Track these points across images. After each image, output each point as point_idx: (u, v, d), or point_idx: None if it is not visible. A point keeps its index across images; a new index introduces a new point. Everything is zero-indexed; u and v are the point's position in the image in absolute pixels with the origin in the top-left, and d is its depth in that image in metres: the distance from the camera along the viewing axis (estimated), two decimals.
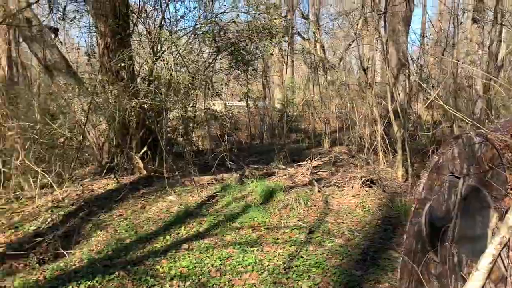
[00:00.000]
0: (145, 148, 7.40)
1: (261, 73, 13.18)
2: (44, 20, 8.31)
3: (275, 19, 8.32)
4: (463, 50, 12.67)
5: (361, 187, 6.20)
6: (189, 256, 4.04)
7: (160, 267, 3.83)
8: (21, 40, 11.32)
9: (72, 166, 7.16)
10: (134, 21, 7.87)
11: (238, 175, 7.17)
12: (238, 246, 4.26)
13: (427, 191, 2.67)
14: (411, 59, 11.04)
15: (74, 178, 7.02)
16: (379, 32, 8.98)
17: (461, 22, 11.73)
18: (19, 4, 7.47)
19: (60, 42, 8.61)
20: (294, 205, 5.45)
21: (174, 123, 8.50)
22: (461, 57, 11.51)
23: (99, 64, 7.48)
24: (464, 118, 4.67)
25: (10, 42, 13.05)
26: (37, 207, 5.58)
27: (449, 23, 11.32)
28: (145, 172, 7.24)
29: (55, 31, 8.07)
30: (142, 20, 7.89)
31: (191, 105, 8.42)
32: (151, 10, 8.15)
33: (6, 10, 7.67)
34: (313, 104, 13.88)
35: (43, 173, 6.04)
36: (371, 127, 9.22)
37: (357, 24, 13.84)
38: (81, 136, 7.31)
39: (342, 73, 15.71)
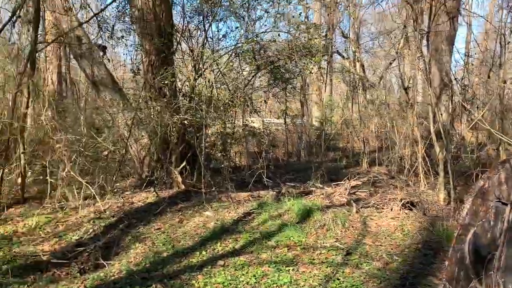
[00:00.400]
0: (184, 163, 7.55)
1: (299, 91, 13.21)
2: (93, 38, 8.73)
3: (315, 38, 8.37)
4: (511, 70, 12.24)
5: (400, 209, 6.05)
6: (224, 273, 4.06)
7: (196, 282, 3.86)
8: (71, 57, 11.91)
9: (114, 178, 7.40)
10: (177, 40, 8.13)
11: (274, 192, 7.16)
12: (274, 265, 4.24)
13: (471, 217, 2.58)
14: (455, 78, 10.75)
15: (115, 190, 7.24)
16: (421, 51, 8.83)
17: (509, 42, 11.36)
18: (71, 24, 7.89)
19: (108, 59, 9.00)
20: (331, 225, 5.37)
21: (212, 139, 8.64)
22: (509, 78, 11.11)
23: (143, 80, 7.74)
24: (511, 142, 4.49)
25: (61, 59, 13.76)
26: (80, 217, 5.79)
27: (496, 42, 10.98)
28: (183, 186, 7.37)
29: (104, 49, 8.46)
30: (186, 39, 8.13)
31: (230, 121, 8.53)
32: (195, 29, 8.40)
33: (59, 29, 8.12)
34: (352, 122, 13.73)
35: (87, 185, 6.27)
36: (411, 148, 9.00)
37: (398, 43, 13.66)
38: (124, 150, 7.55)
39: (382, 92, 15.50)
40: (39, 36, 7.15)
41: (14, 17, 6.32)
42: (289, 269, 4.13)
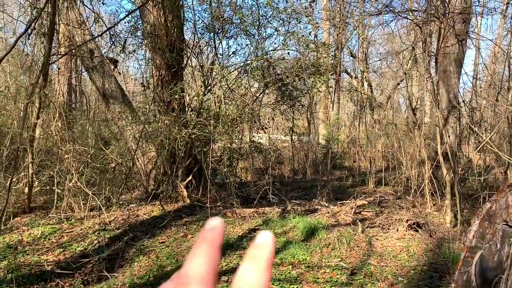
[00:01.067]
0: (190, 177, 7.57)
1: (307, 108, 13.27)
2: (105, 52, 8.87)
3: (324, 57, 8.45)
4: None
5: (406, 230, 6.00)
6: None
7: None
8: (82, 69, 12.09)
9: (120, 190, 7.43)
10: (188, 55, 8.24)
11: (280, 209, 7.15)
12: (278, 282, 4.22)
13: (478, 239, 2.57)
14: (463, 101, 10.77)
15: (121, 202, 7.26)
16: (429, 72, 8.88)
17: None
18: (84, 37, 8.04)
19: (119, 72, 9.12)
20: (336, 244, 5.34)
21: (219, 154, 8.68)
22: None
23: (152, 94, 7.84)
24: None
25: (72, 71, 13.96)
26: (85, 228, 5.81)
27: (504, 65, 11.01)
28: (188, 200, 7.38)
29: (115, 62, 8.59)
30: (196, 54, 8.24)
31: (237, 137, 8.58)
32: (205, 45, 8.52)
33: (72, 42, 8.28)
34: (358, 142, 13.74)
35: (93, 196, 6.31)
36: (418, 169, 8.97)
37: (406, 64, 13.75)
38: (131, 163, 7.60)
39: (390, 112, 15.53)
40: (52, 48, 7.28)
41: (30, 29, 6.45)
42: (293, 287, 4.10)
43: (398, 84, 17.42)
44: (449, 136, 8.65)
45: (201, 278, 0.33)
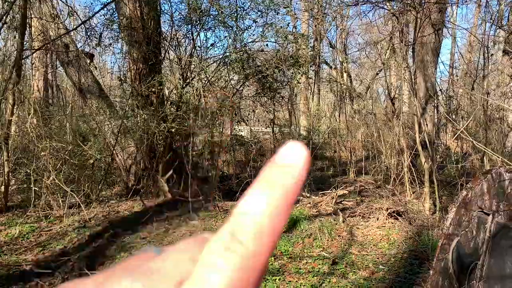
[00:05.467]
0: (170, 172, 7.51)
1: (287, 100, 13.28)
2: (80, 46, 8.69)
3: (303, 48, 8.44)
4: (494, 81, 12.49)
5: (386, 219, 6.09)
6: None
7: None
8: (58, 64, 11.83)
9: (99, 187, 7.33)
10: (165, 48, 8.13)
11: None
12: None
13: (455, 227, 2.62)
14: (440, 89, 10.93)
15: (101, 199, 7.17)
16: (407, 62, 8.97)
17: (492, 54, 11.60)
18: (59, 31, 7.85)
19: (95, 66, 8.95)
20: (318, 234, 5.39)
21: (200, 148, 8.62)
22: (492, 89, 11.33)
23: (130, 88, 7.72)
24: (493, 153, 4.57)
25: (47, 66, 13.65)
26: (64, 226, 5.71)
27: (479, 54, 11.20)
28: (170, 195, 7.32)
29: (91, 56, 8.41)
30: (174, 47, 8.14)
31: (217, 130, 8.54)
32: (183, 38, 8.41)
33: (46, 36, 8.07)
34: (339, 132, 13.84)
35: (72, 193, 6.20)
36: (397, 157, 9.09)
37: (384, 54, 13.87)
38: (110, 158, 7.49)
39: (369, 102, 15.67)
40: (25, 42, 7.09)
41: (0, 24, 6.26)
42: (276, 279, 4.12)
43: (377, 74, 17.59)
44: (427, 125, 8.78)
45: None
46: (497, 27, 10.57)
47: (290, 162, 0.23)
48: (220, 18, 7.59)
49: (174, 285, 0.22)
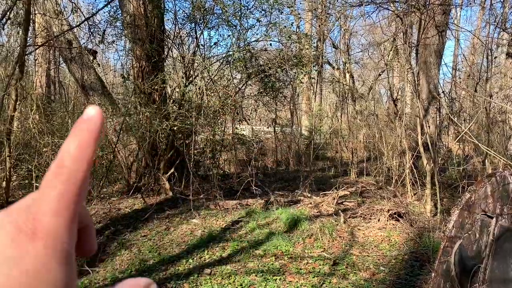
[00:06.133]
0: (172, 170, 7.51)
1: (289, 100, 13.27)
2: (84, 43, 8.69)
3: (307, 49, 8.42)
4: (497, 84, 12.46)
5: (388, 220, 6.08)
6: (211, 282, 4.03)
7: None
8: (60, 60, 11.83)
9: (101, 184, 7.33)
10: (169, 46, 8.12)
11: (263, 201, 7.15)
12: (261, 274, 4.23)
13: (458, 229, 2.61)
14: (443, 91, 10.91)
15: (102, 196, 7.17)
16: (410, 63, 8.96)
17: (495, 57, 11.57)
18: (62, 27, 7.84)
19: (98, 63, 8.95)
20: (318, 235, 5.38)
21: (202, 146, 8.62)
22: (495, 92, 11.31)
23: (133, 86, 7.72)
24: (497, 156, 4.55)
25: (50, 62, 13.66)
26: None
27: (483, 57, 11.17)
28: (171, 193, 7.32)
29: (94, 53, 8.41)
30: (177, 45, 8.13)
31: (219, 128, 8.53)
32: (186, 36, 8.40)
33: (49, 32, 8.07)
34: (340, 132, 13.82)
35: None
36: (399, 159, 9.08)
37: (387, 55, 13.84)
38: (112, 155, 7.49)
39: (371, 103, 15.64)
40: (29, 38, 7.09)
41: (4, 19, 6.25)
42: (276, 279, 4.12)
43: (380, 75, 17.56)
44: (429, 127, 8.76)
45: (75, 157, 0.30)
46: (501, 29, 10.54)
47: (90, 117, 0.31)
48: (224, 17, 7.58)
49: (25, 208, 0.30)
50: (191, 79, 7.81)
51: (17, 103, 6.49)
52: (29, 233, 0.28)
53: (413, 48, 9.19)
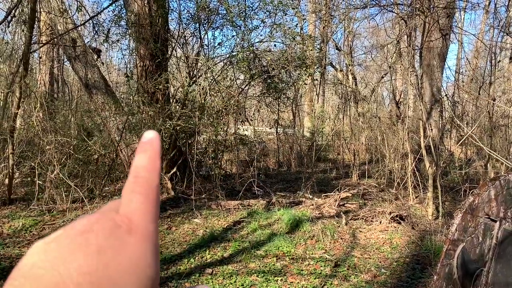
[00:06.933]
0: (174, 169, 7.52)
1: (292, 101, 13.29)
2: (88, 41, 8.71)
3: (310, 50, 8.42)
4: (500, 88, 12.46)
5: (389, 223, 6.08)
6: (212, 281, 4.03)
7: None
8: (64, 58, 11.86)
9: (103, 182, 7.34)
10: (173, 46, 8.14)
11: (265, 201, 7.16)
12: (262, 274, 4.23)
13: (460, 232, 2.61)
14: (446, 95, 10.91)
15: (104, 194, 7.18)
16: (413, 66, 8.96)
17: (499, 61, 11.57)
18: (67, 26, 7.87)
19: (102, 62, 8.97)
20: (320, 236, 5.38)
21: (204, 146, 8.63)
22: (498, 96, 11.30)
23: (136, 85, 7.73)
24: (502, 159, 4.55)
25: (54, 60, 13.69)
26: (67, 220, 5.73)
27: (486, 60, 11.17)
28: (173, 193, 7.33)
29: (98, 52, 8.44)
30: (181, 45, 8.14)
31: (222, 129, 8.54)
32: (190, 36, 8.42)
33: (54, 30, 8.10)
34: (342, 134, 13.82)
35: (76, 188, 6.21)
36: (401, 162, 9.08)
37: (391, 58, 13.84)
38: (114, 154, 7.51)
39: (373, 105, 15.64)
40: (33, 36, 7.11)
41: (9, 17, 6.28)
42: (277, 279, 4.12)
43: (382, 77, 17.55)
44: (432, 130, 8.77)
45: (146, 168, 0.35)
46: (505, 33, 10.53)
47: (150, 139, 0.36)
48: (228, 17, 7.59)
49: (115, 211, 0.33)
50: (194, 79, 7.83)
51: (21, 101, 6.52)
52: (126, 228, 0.32)
53: (416, 51, 9.19)
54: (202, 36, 7.99)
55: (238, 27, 7.85)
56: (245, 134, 9.55)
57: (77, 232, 0.30)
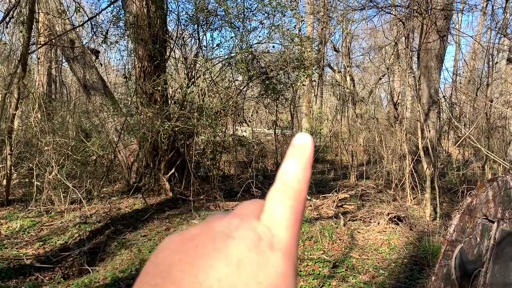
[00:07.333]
0: (172, 170, 7.51)
1: (290, 102, 13.30)
2: (86, 42, 8.71)
3: (309, 51, 8.44)
4: (497, 89, 12.50)
5: (387, 224, 6.09)
6: None
7: None
8: (62, 59, 11.85)
9: (101, 183, 7.34)
10: (171, 47, 8.14)
11: None
12: None
13: (458, 233, 2.62)
14: (443, 96, 10.94)
15: (102, 195, 7.17)
16: (411, 68, 8.99)
17: (496, 62, 11.61)
18: (65, 27, 7.87)
19: (100, 63, 8.97)
20: (318, 237, 5.39)
21: (202, 147, 8.63)
22: (495, 97, 11.34)
23: (135, 86, 7.73)
24: (500, 160, 4.57)
25: (51, 61, 13.68)
26: (65, 221, 5.72)
27: (484, 62, 11.21)
28: (171, 194, 7.33)
29: (96, 53, 8.44)
30: (179, 46, 8.15)
31: (220, 130, 8.54)
32: (189, 37, 8.42)
33: (52, 31, 8.09)
34: (340, 135, 13.84)
35: (74, 189, 6.21)
36: (399, 163, 9.10)
37: (389, 59, 13.88)
38: (112, 155, 7.50)
39: (371, 106, 15.68)
40: (31, 37, 7.11)
41: (8, 18, 6.28)
42: None
43: (380, 79, 17.59)
44: (429, 131, 8.79)
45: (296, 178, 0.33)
46: (502, 35, 10.58)
47: (303, 144, 0.34)
48: (227, 19, 7.61)
49: (256, 217, 0.32)
50: (193, 80, 7.84)
51: (19, 102, 6.51)
52: (268, 243, 0.29)
53: (414, 52, 9.22)
54: (201, 37, 8.01)
55: (237, 29, 7.86)
56: (243, 135, 9.55)
57: (216, 235, 0.29)
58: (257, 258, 0.28)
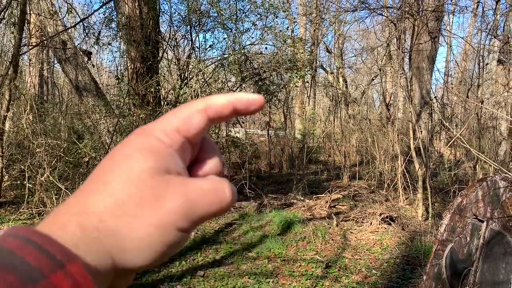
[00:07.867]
0: None
1: (283, 103, 13.32)
2: (78, 43, 8.67)
3: (301, 53, 8.47)
4: (488, 90, 12.61)
5: (380, 224, 6.13)
6: (204, 284, 4.04)
7: None
8: (55, 61, 11.79)
9: None
10: (164, 48, 8.13)
11: (256, 203, 7.17)
12: (254, 276, 4.24)
13: (449, 233, 2.65)
14: (435, 97, 11.02)
15: None
16: (403, 69, 9.05)
17: (487, 63, 11.72)
18: (57, 28, 7.83)
19: (92, 64, 8.93)
20: (311, 238, 5.41)
21: None
22: (486, 98, 11.44)
23: (127, 87, 7.71)
24: (489, 161, 4.62)
25: (43, 62, 13.59)
26: None
27: (474, 63, 11.31)
28: None
29: (89, 54, 8.40)
30: (172, 47, 8.14)
31: (213, 131, 8.54)
32: (181, 38, 8.42)
33: (44, 33, 8.05)
34: (333, 136, 13.89)
35: (66, 191, 6.17)
36: (391, 163, 9.15)
37: (381, 60, 13.96)
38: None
39: (364, 107, 15.76)
40: (23, 39, 7.06)
41: None
42: (269, 281, 4.14)
43: (373, 80, 17.68)
44: (421, 132, 8.85)
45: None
46: (492, 36, 10.69)
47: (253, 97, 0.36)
48: (219, 20, 7.61)
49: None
50: (186, 81, 7.83)
51: (11, 103, 6.46)
52: (148, 132, 0.34)
53: (406, 53, 9.29)
54: (193, 39, 8.01)
55: (229, 30, 7.88)
56: (236, 136, 9.55)
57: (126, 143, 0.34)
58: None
